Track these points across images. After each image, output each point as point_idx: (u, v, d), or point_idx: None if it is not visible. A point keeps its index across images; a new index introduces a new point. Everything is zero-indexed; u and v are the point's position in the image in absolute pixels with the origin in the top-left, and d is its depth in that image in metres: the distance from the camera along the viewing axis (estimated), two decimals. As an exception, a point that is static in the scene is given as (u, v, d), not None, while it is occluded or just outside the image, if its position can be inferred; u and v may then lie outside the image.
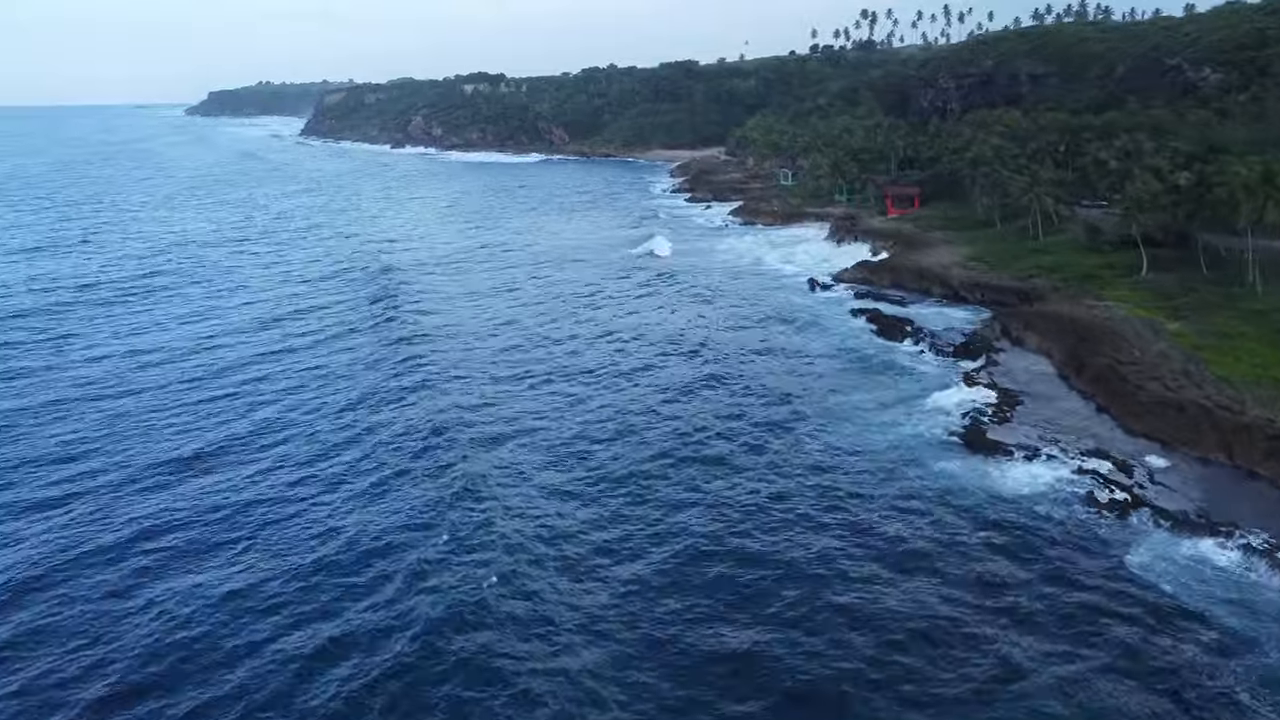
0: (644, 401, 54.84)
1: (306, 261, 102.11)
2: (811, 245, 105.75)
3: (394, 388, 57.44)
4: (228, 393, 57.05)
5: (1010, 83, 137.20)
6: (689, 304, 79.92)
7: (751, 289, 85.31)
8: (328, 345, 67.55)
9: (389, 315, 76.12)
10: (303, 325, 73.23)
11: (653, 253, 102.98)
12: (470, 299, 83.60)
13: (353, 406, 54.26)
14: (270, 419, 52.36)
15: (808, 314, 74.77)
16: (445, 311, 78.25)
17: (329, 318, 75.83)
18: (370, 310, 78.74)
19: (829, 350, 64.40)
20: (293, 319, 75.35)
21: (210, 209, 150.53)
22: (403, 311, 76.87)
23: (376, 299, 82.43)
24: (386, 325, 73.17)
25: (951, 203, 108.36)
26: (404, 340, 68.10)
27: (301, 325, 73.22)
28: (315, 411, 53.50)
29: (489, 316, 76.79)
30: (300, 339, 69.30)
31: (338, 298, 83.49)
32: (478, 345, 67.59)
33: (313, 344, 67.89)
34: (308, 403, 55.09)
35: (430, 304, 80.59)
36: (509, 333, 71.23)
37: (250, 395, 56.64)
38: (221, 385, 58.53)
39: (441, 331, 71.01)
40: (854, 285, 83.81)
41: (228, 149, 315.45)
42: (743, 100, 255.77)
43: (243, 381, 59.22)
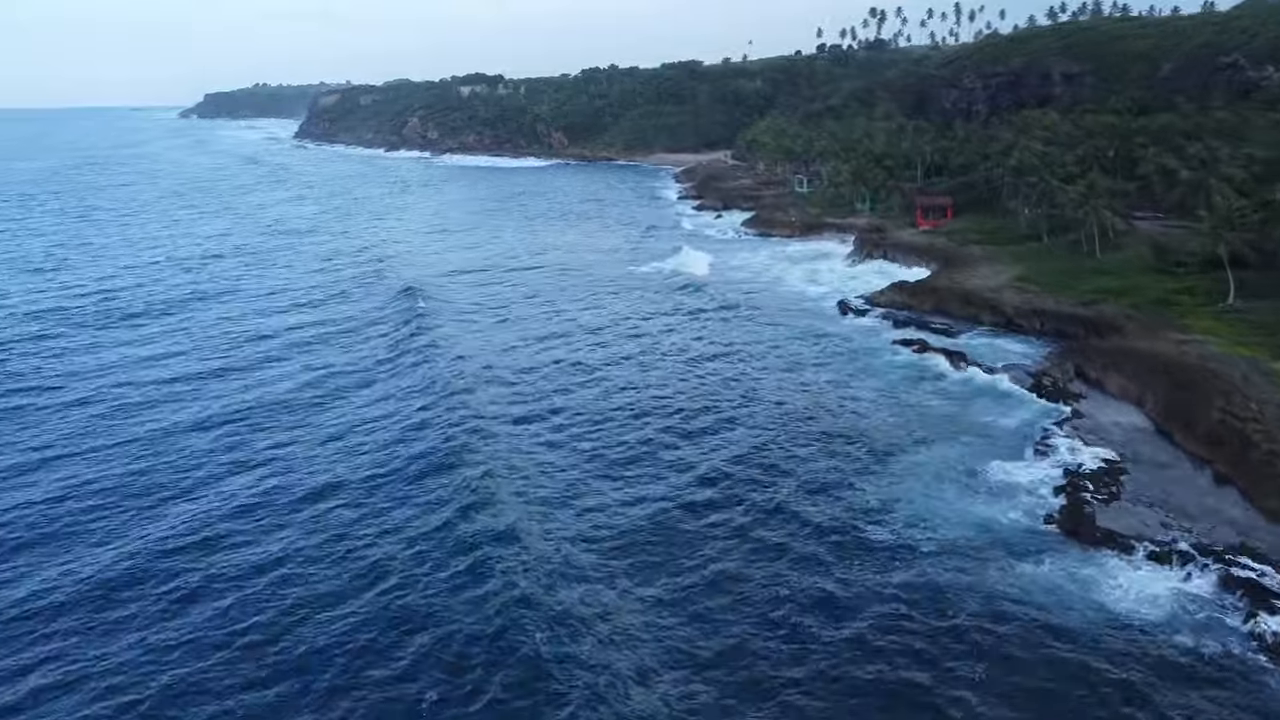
0: (679, 474, 45.64)
1: (314, 286, 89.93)
2: (835, 261, 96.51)
3: (442, 451, 46.65)
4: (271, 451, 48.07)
5: (1042, 83, 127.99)
6: (706, 331, 70.61)
7: (775, 312, 76.01)
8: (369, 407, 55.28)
9: (425, 358, 63.75)
10: (335, 371, 61.68)
11: (679, 270, 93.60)
12: (502, 327, 73.49)
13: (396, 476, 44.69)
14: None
15: (843, 345, 65.48)
16: (483, 347, 67.40)
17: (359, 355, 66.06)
18: (402, 347, 67.33)
19: (875, 394, 55.10)
20: (319, 355, 65.69)
21: (197, 222, 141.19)
22: (440, 354, 64.39)
23: (404, 337, 69.77)
24: (426, 367, 61.69)
25: (987, 214, 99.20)
26: (452, 390, 56.13)
27: (333, 371, 61.70)
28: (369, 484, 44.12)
29: (530, 354, 65.45)
30: (334, 383, 59.22)
31: (366, 341, 70.31)
32: (533, 401, 55.72)
33: (351, 392, 57.59)
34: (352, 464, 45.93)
35: (465, 339, 69.47)
36: (561, 377, 60.34)
37: (287, 460, 47.20)
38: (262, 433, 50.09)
39: (488, 375, 60.06)
40: (891, 310, 74.46)
41: (225, 153, 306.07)
42: (747, 101, 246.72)
43: (278, 440, 50.00)
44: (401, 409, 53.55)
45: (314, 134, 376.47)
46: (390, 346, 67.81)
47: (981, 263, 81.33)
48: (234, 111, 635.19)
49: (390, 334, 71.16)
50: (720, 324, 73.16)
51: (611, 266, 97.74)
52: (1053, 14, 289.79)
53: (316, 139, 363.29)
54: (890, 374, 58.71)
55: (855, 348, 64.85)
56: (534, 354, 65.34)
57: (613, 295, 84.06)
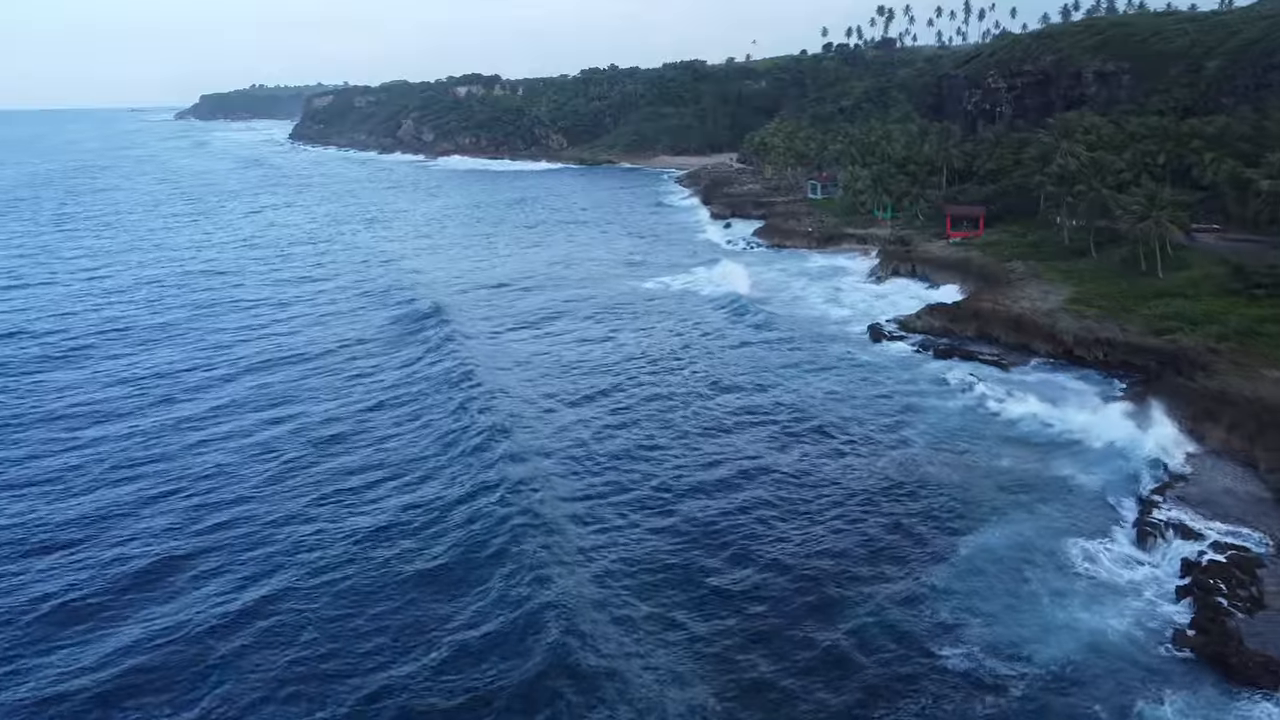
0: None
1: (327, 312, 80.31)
2: (858, 278, 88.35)
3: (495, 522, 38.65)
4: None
5: (1073, 82, 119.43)
6: (724, 364, 62.24)
7: (800, 339, 67.69)
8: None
9: (466, 398, 54.53)
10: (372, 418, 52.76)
11: (690, 288, 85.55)
12: (536, 354, 65.62)
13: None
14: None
15: (883, 380, 57.11)
16: (517, 377, 59.94)
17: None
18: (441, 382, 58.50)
19: (927, 444, 46.76)
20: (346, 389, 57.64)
21: (188, 232, 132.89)
22: (480, 392, 55.15)
23: (446, 372, 60.36)
24: (465, 415, 51.88)
25: (1023, 224, 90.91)
26: (495, 429, 48.98)
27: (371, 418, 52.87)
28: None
29: (563, 396, 56.82)
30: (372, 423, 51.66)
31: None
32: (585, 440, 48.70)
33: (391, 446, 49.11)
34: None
35: (500, 371, 61.01)
36: (606, 418, 52.37)
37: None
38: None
39: (532, 419, 51.82)
40: (928, 336, 66.20)
41: (223, 154, 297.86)
42: (752, 103, 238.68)
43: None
44: (446, 496, 42.74)
45: (307, 136, 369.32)
46: (426, 396, 56.81)
47: (1026, 281, 72.96)
48: (230, 113, 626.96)
49: (427, 377, 60.59)
50: (739, 353, 64.82)
51: (618, 283, 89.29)
52: (1066, 11, 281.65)
53: (310, 141, 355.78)
54: (942, 417, 50.35)
55: (896, 383, 56.47)
56: (566, 398, 56.38)
57: (619, 318, 75.72)
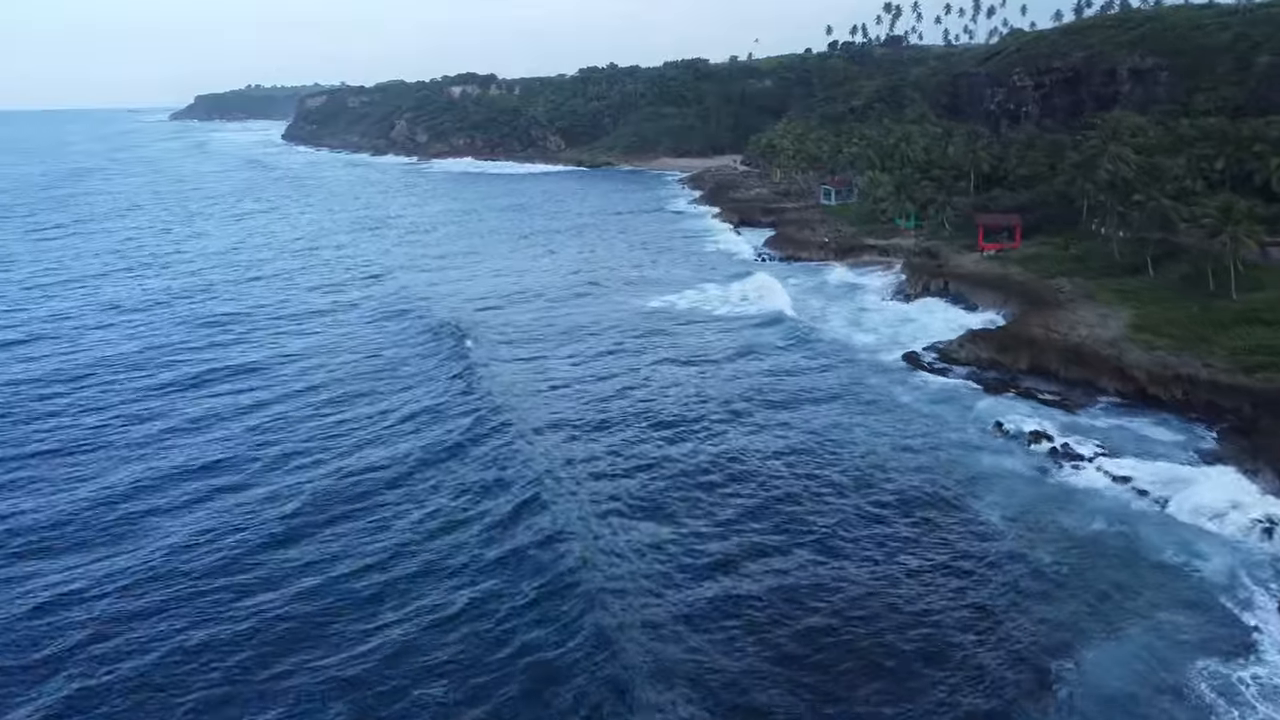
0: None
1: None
2: (883, 295, 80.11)
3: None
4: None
5: (1106, 80, 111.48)
6: (742, 400, 53.99)
7: (825, 370, 59.48)
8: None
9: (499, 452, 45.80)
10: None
11: (700, 307, 77.45)
12: (555, 388, 57.13)
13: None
14: None
15: (929, 426, 48.85)
16: (545, 416, 51.75)
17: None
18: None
19: (1000, 522, 38.34)
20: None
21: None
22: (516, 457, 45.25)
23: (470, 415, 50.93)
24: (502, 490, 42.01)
25: (1064, 235, 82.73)
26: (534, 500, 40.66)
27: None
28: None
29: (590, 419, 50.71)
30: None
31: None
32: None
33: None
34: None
35: (528, 411, 52.52)
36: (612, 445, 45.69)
37: None
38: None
39: (572, 479, 43.42)
40: (974, 368, 58.00)
41: (212, 160, 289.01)
42: (756, 102, 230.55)
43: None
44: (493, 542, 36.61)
45: (300, 137, 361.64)
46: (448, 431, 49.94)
47: (1078, 303, 64.78)
48: (225, 114, 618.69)
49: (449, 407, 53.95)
50: (759, 384, 56.58)
51: (622, 300, 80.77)
52: (1079, 9, 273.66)
53: (302, 142, 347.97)
54: (1009, 484, 41.94)
55: (947, 431, 48.20)
56: (594, 423, 48.59)
57: (619, 341, 67.50)
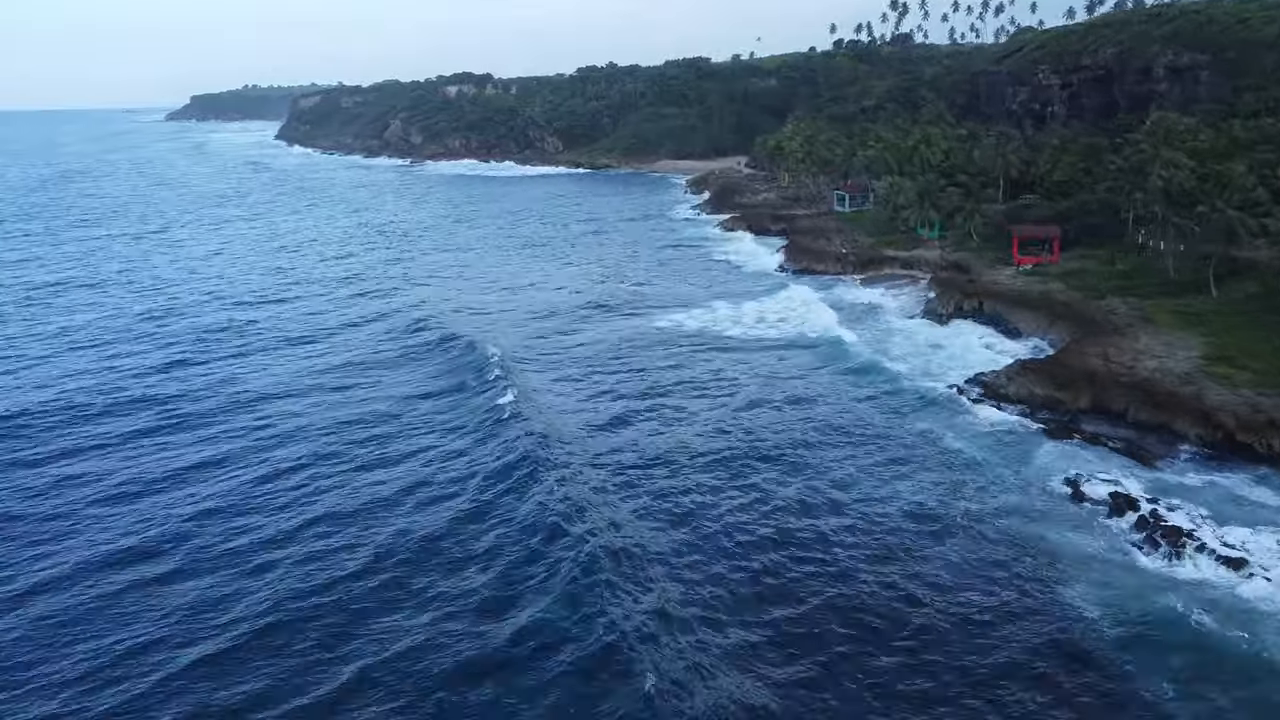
0: None
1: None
2: (909, 313, 72.95)
3: None
4: None
5: (1140, 78, 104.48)
6: (762, 440, 46.84)
7: (855, 404, 52.31)
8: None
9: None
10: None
11: (710, 328, 70.20)
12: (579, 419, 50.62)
13: None
14: None
15: (986, 483, 41.65)
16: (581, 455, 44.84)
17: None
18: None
19: (1117, 659, 30.51)
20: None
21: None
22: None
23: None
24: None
25: (1107, 247, 75.73)
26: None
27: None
28: None
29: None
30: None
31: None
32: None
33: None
34: None
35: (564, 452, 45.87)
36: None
37: None
38: None
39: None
40: (1027, 405, 50.79)
41: (206, 161, 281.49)
42: (759, 102, 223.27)
43: None
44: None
45: (293, 137, 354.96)
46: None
47: (1135, 328, 57.64)
48: (221, 114, 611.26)
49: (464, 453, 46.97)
50: (779, 420, 49.48)
51: (627, 320, 73.56)
52: (1091, 6, 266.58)
53: (295, 142, 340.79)
54: (1097, 575, 34.26)
55: (1005, 491, 40.91)
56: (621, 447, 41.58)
57: (629, 368, 60.39)
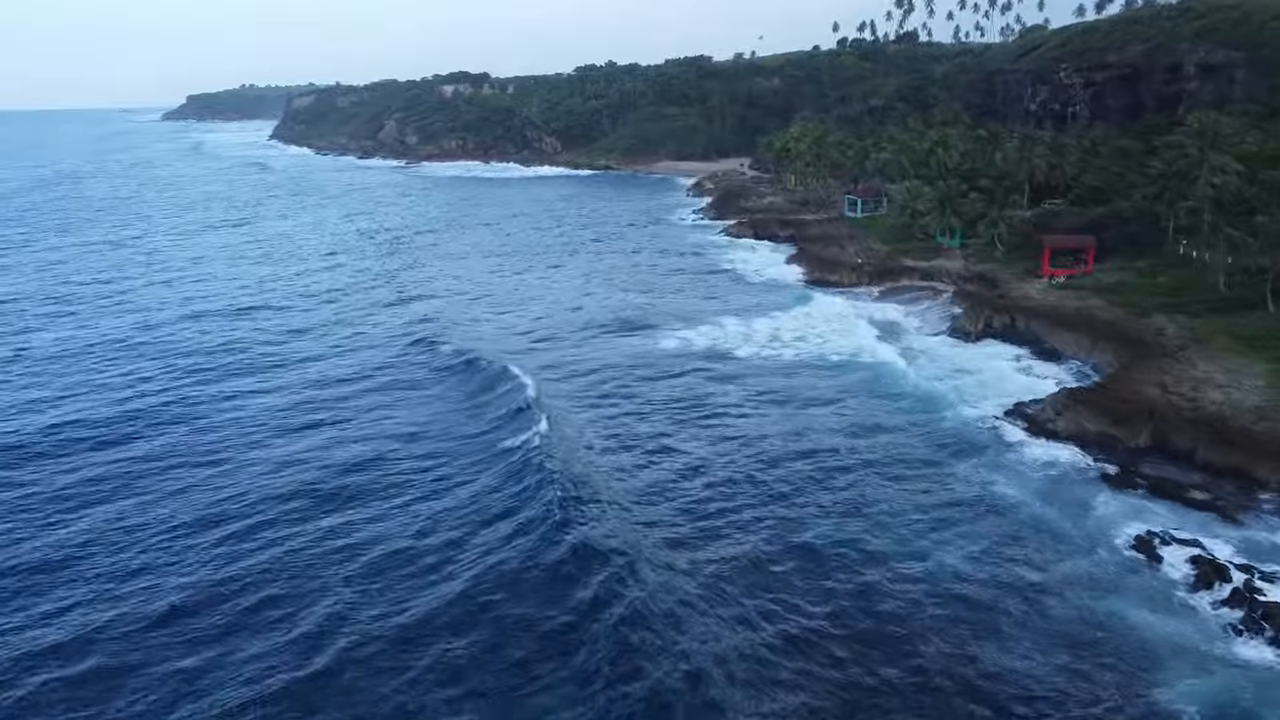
0: None
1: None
2: (932, 330, 67.36)
3: None
4: None
5: (1170, 77, 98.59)
6: (782, 480, 41.20)
7: (885, 442, 46.64)
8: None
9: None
10: None
11: (719, 347, 64.50)
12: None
13: None
14: None
15: (1046, 547, 35.94)
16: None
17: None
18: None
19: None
20: None
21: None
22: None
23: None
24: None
25: (1142, 256, 70.21)
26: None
27: None
28: None
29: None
30: None
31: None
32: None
33: None
34: None
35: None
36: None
37: None
38: None
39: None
40: (1080, 442, 45.12)
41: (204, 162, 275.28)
42: (763, 102, 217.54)
43: None
44: None
45: (287, 137, 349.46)
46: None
47: (1193, 352, 51.97)
48: (218, 113, 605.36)
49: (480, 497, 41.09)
50: (799, 451, 43.79)
51: (634, 337, 67.77)
52: (1101, 4, 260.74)
53: (292, 143, 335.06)
54: (1192, 676, 28.81)
55: (1068, 556, 35.26)
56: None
57: (632, 398, 54.69)
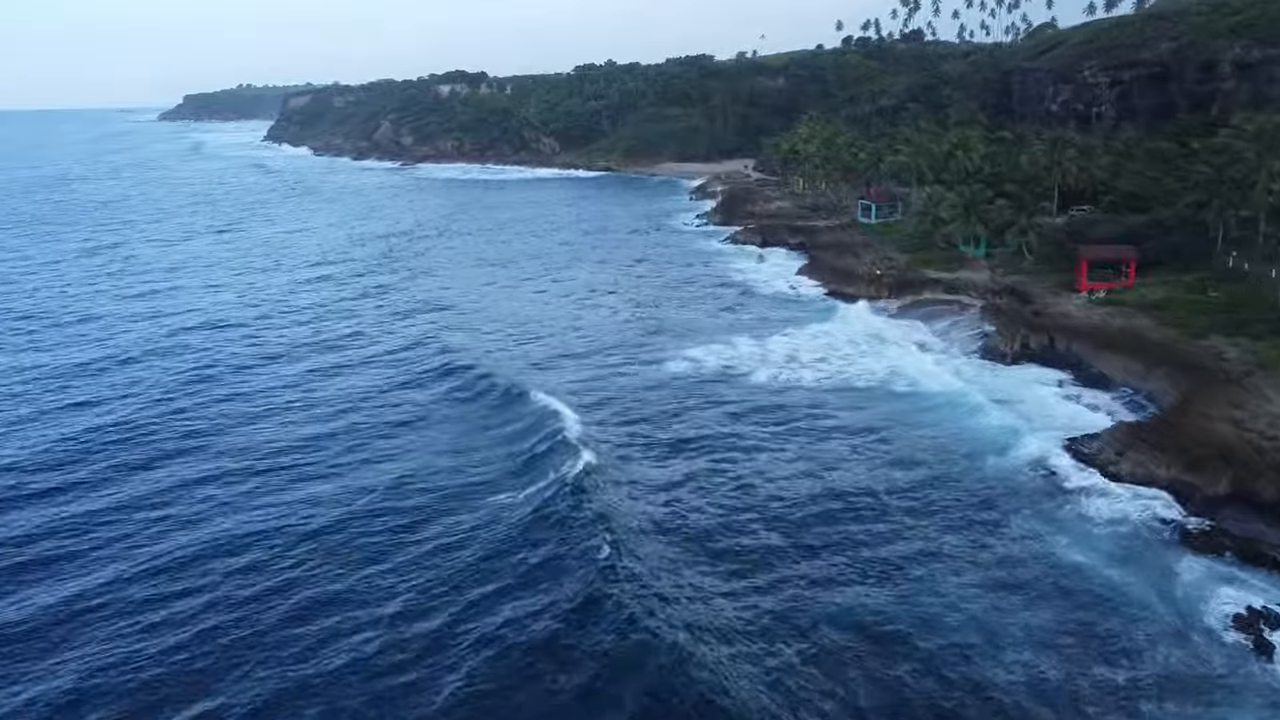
0: None
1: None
2: (960, 349, 61.71)
3: None
4: None
5: (1203, 76, 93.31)
6: (801, 539, 35.73)
7: (920, 481, 41.12)
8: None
9: None
10: None
11: (731, 367, 58.92)
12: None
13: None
14: None
15: (1125, 627, 30.40)
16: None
17: None
18: None
19: None
20: None
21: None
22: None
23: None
24: None
25: (1189, 269, 64.75)
26: None
27: None
28: None
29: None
30: None
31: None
32: None
33: None
34: None
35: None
36: None
37: None
38: None
39: None
40: (1147, 488, 39.60)
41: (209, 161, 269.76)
42: (766, 102, 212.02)
43: None
44: None
45: (282, 137, 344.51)
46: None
47: (1260, 379, 46.35)
48: (215, 113, 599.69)
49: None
50: (831, 509, 38.27)
51: (633, 360, 62.16)
52: (1110, 2, 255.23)
53: (286, 143, 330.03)
54: None
55: (1158, 643, 29.66)
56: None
57: (636, 427, 49.06)
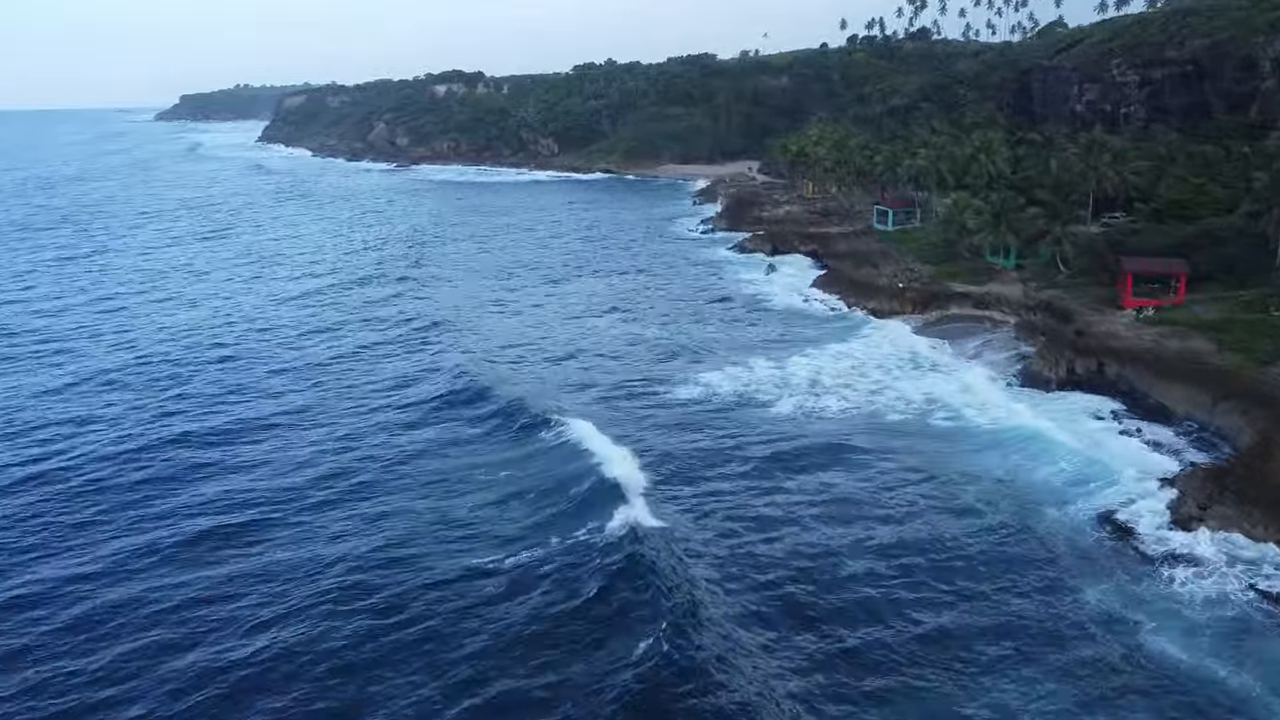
0: None
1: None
2: (995, 373, 56.21)
3: None
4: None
5: (1241, 75, 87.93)
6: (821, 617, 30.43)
7: (973, 544, 35.75)
8: None
9: None
10: None
11: (746, 391, 53.48)
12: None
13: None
14: None
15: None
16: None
17: None
18: None
19: None
20: None
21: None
22: None
23: None
24: None
25: (1244, 285, 59.51)
26: None
27: None
28: None
29: None
30: None
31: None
32: None
33: None
34: None
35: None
36: None
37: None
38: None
39: None
40: (1240, 551, 34.25)
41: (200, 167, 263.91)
42: (770, 101, 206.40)
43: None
44: None
45: (276, 138, 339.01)
46: None
47: (1350, 416, 41.12)
48: (213, 113, 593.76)
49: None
50: (867, 577, 32.90)
51: (637, 385, 56.48)
52: (1120, 1, 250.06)
53: (280, 143, 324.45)
54: None
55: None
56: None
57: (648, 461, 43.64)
